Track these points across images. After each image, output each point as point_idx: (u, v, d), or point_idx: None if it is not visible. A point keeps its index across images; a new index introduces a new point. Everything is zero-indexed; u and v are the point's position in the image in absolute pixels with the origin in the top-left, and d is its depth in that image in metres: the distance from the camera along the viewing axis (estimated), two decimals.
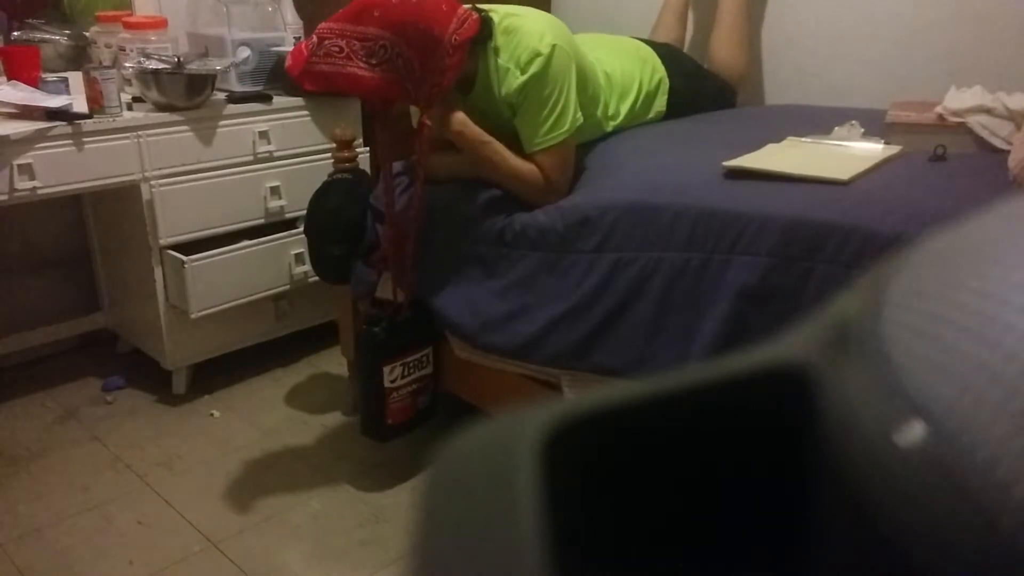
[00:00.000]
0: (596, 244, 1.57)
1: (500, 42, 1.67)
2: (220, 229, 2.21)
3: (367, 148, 2.36)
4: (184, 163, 2.12)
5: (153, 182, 2.08)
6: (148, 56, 2.12)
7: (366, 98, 1.74)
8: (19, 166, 1.86)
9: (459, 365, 1.84)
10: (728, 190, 1.54)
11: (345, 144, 1.99)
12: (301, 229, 2.12)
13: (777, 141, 1.78)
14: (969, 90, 1.82)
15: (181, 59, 2.12)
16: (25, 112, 1.93)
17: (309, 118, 2.33)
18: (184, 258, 2.09)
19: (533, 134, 1.67)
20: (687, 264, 1.49)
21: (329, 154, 2.16)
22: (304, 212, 1.98)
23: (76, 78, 2.04)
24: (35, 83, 2.02)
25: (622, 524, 0.27)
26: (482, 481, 0.24)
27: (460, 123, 1.70)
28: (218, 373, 2.34)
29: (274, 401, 2.27)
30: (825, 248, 1.36)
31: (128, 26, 2.22)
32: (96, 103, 1.98)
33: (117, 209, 2.24)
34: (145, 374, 2.34)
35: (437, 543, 0.24)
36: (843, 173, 1.53)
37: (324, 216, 1.92)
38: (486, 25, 1.66)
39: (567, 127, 1.66)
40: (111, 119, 1.98)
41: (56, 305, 2.48)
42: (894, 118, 1.80)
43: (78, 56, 2.29)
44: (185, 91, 2.09)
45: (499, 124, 1.72)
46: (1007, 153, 1.55)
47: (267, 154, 2.26)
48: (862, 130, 1.82)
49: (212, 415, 2.20)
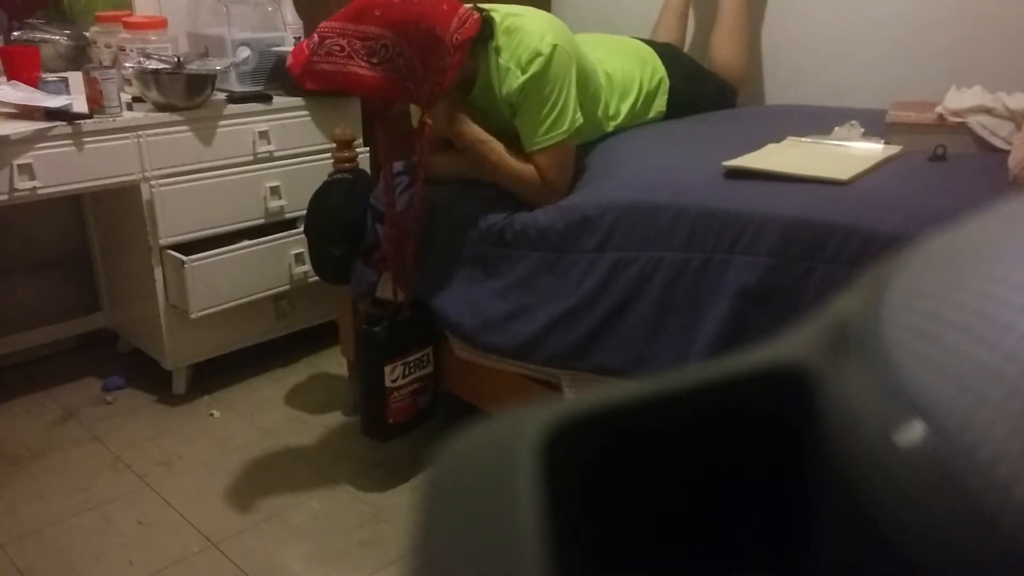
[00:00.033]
0: (596, 244, 1.57)
1: (501, 42, 1.67)
2: (220, 229, 2.21)
3: (367, 148, 2.36)
4: (184, 163, 2.12)
5: (153, 182, 2.08)
6: (148, 56, 2.12)
7: (367, 97, 1.74)
8: (19, 166, 1.86)
9: (459, 365, 1.84)
10: (728, 190, 1.54)
11: (345, 144, 1.99)
12: (301, 229, 2.12)
13: (777, 141, 1.78)
14: (969, 90, 1.81)
15: (181, 59, 2.13)
16: (25, 112, 1.93)
17: (309, 118, 2.33)
18: (184, 258, 2.09)
19: (532, 133, 1.67)
20: (687, 264, 1.49)
21: (329, 154, 2.16)
22: (304, 212, 1.98)
23: (76, 78, 2.04)
24: (35, 83, 2.02)
25: (622, 524, 0.27)
26: (482, 481, 0.24)
27: (461, 123, 1.70)
28: (218, 373, 2.34)
29: (274, 401, 2.27)
30: (825, 248, 1.36)
31: (128, 26, 2.22)
32: (96, 103, 1.98)
33: (117, 209, 2.24)
34: (145, 374, 2.34)
35: (437, 543, 0.24)
36: (843, 173, 1.53)
37: (324, 216, 1.92)
38: (487, 25, 1.66)
39: (566, 127, 1.66)
40: (111, 119, 1.98)
41: (56, 305, 2.48)
42: (894, 118, 1.80)
43: (78, 56, 2.29)
44: (185, 91, 2.09)
45: (500, 124, 1.72)
46: (1007, 153, 1.55)
47: (267, 154, 2.26)
48: (862, 130, 1.82)
49: (212, 415, 2.20)
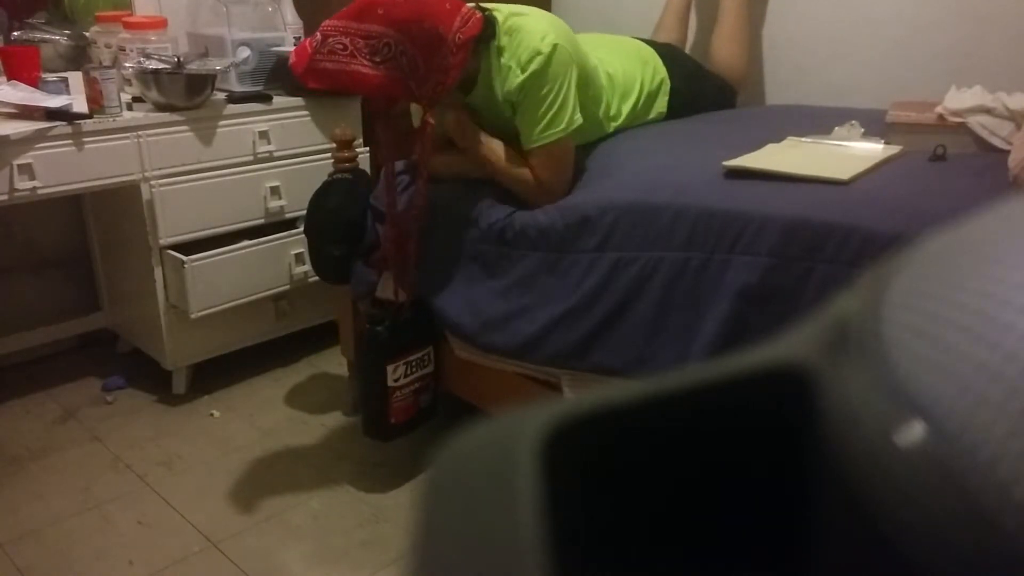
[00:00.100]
0: (596, 244, 1.57)
1: (503, 42, 1.67)
2: (220, 229, 2.21)
3: (367, 148, 2.37)
4: (184, 163, 2.12)
5: (153, 182, 2.08)
6: (148, 56, 2.12)
7: (370, 96, 1.74)
8: (19, 166, 1.86)
9: (459, 365, 1.84)
10: (728, 190, 1.54)
11: (345, 144, 1.99)
12: (301, 229, 2.12)
13: (777, 141, 1.78)
14: (969, 90, 1.81)
15: (181, 59, 2.12)
16: (25, 112, 1.93)
17: (309, 118, 2.33)
18: (184, 258, 2.09)
19: (530, 132, 1.67)
20: (687, 264, 1.49)
21: (329, 154, 2.16)
22: (304, 212, 1.98)
23: (76, 78, 2.04)
24: (35, 83, 2.02)
25: (622, 524, 0.27)
26: (482, 481, 0.24)
27: (462, 122, 1.70)
28: (218, 373, 2.34)
29: (274, 401, 2.27)
30: (825, 248, 1.36)
31: (128, 26, 2.22)
32: (96, 103, 1.98)
33: (117, 209, 2.24)
34: (145, 374, 2.34)
35: (437, 543, 0.24)
36: (843, 173, 1.53)
37: (324, 216, 1.92)
38: (489, 24, 1.66)
39: (563, 126, 1.66)
40: (111, 119, 1.98)
41: (56, 305, 2.48)
42: (894, 118, 1.80)
43: (78, 56, 2.29)
44: (185, 91, 2.09)
45: (500, 124, 1.72)
46: (1007, 153, 1.55)
47: (267, 154, 2.26)
48: (862, 130, 1.82)
49: (212, 415, 2.20)
